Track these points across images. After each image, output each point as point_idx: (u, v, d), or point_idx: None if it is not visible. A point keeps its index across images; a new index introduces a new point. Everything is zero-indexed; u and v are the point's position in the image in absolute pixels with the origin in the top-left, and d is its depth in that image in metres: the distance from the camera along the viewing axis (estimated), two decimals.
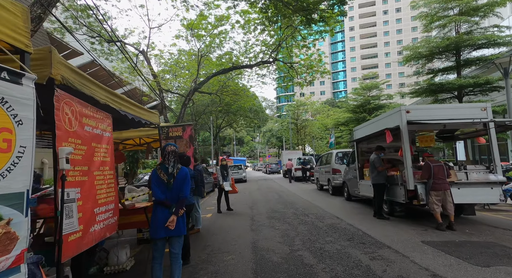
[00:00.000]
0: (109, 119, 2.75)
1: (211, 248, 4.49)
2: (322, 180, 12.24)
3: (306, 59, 19.51)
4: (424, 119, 5.38)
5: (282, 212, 7.50)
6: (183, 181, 2.91)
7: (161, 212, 2.76)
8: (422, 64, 15.62)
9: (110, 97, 2.84)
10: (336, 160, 10.74)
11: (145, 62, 17.83)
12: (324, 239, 4.66)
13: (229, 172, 8.19)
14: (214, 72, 18.75)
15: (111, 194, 2.60)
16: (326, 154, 12.07)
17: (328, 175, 11.17)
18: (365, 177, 7.42)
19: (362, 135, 7.48)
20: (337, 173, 10.46)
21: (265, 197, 11.21)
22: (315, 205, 8.47)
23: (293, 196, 11.09)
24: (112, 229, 2.61)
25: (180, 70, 21.31)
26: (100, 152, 2.52)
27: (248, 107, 37.28)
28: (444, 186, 4.95)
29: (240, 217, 7.07)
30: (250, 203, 9.70)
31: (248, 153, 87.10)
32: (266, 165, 37.62)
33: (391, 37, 76.29)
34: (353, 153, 8.69)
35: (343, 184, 9.51)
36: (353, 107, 28.15)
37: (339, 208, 7.74)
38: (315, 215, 6.85)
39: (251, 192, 13.56)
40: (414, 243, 4.22)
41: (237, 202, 9.94)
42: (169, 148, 2.94)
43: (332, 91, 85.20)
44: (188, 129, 4.81)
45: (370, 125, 7.12)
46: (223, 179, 8.03)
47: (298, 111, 38.08)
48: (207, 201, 10.96)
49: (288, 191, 13.22)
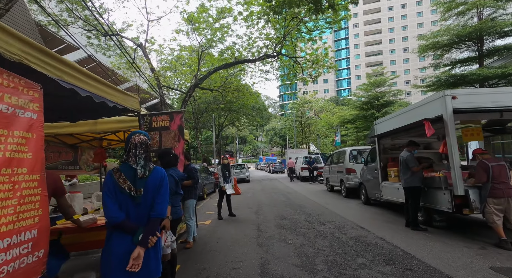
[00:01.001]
0: (35, 92, 1.69)
1: (208, 273, 3.43)
2: (333, 181, 11.14)
3: (312, 54, 18.47)
4: (476, 107, 4.27)
5: (292, 218, 6.43)
6: (157, 190, 1.85)
7: (119, 242, 1.71)
8: (439, 55, 14.41)
9: (39, 57, 1.78)
10: (350, 158, 9.63)
11: (144, 58, 16.87)
12: (354, 260, 3.58)
13: (231, 172, 7.13)
14: (215, 67, 17.78)
15: (28, 215, 1.54)
16: (338, 152, 10.96)
17: (340, 175, 10.08)
18: (390, 178, 6.32)
19: (386, 129, 6.36)
20: (351, 173, 9.36)
21: (270, 199, 10.14)
22: (330, 210, 7.38)
23: (302, 198, 10.01)
24: (34, 273, 1.55)
25: (181, 67, 20.44)
26: (6, 142, 1.46)
27: (251, 105, 36.26)
28: (508, 191, 3.84)
29: (244, 226, 6.01)
30: (254, 206, 8.64)
31: (250, 152, 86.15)
32: (269, 164, 36.53)
33: (396, 34, 74.81)
34: (373, 150, 7.59)
35: (360, 186, 8.40)
36: (361, 104, 26.94)
37: (359, 215, 6.65)
38: (333, 223, 5.77)
39: (255, 193, 12.51)
40: (482, 270, 3.12)
41: (240, 205, 8.88)
42: (136, 138, 1.89)
43: (336, 89, 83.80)
44: (177, 119, 3.75)
45: (398, 117, 6.00)
46: (225, 180, 6.98)
47: (302, 108, 36.90)
48: (207, 203, 9.91)
49: (295, 192, 12.15)
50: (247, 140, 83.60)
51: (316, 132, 37.39)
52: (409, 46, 72.22)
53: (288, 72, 21.39)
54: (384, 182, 6.59)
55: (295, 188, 14.15)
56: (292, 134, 36.95)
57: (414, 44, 71.96)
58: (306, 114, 37.84)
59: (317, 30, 16.44)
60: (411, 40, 71.97)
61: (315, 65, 18.47)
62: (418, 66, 69.44)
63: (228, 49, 18.65)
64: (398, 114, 6.04)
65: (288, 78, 21.08)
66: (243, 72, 21.69)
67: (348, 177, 9.40)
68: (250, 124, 43.50)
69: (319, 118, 40.11)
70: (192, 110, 34.09)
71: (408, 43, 73.13)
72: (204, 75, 18.50)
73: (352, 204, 8.23)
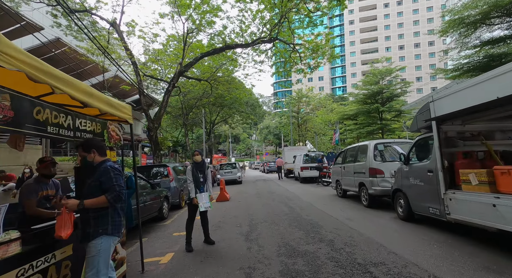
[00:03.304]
0: None
1: None
2: (347, 184, 8.67)
3: (311, 42, 16.17)
4: None
5: (307, 253, 3.88)
6: None
7: None
8: (464, 34, 12.11)
9: None
10: (375, 155, 7.15)
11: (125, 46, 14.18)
12: None
13: (208, 176, 4.53)
14: (202, 53, 15.34)
15: None
16: (355, 147, 8.46)
17: (360, 177, 7.60)
18: (467, 186, 3.85)
19: (459, 106, 3.86)
20: (377, 175, 6.89)
21: (268, 209, 7.58)
22: (360, 232, 4.86)
23: (310, 208, 7.48)
24: None
25: (167, 56, 17.97)
26: None
27: (244, 101, 33.62)
28: None
29: (227, 270, 3.44)
30: (246, 222, 6.07)
31: (244, 151, 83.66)
32: (264, 163, 34.01)
33: (392, 31, 73.62)
34: (423, 142, 5.13)
35: (395, 193, 5.92)
36: (364, 97, 24.68)
37: (414, 244, 4.12)
38: (386, 267, 3.25)
39: (248, 199, 9.94)
40: None
41: (225, 219, 6.32)
42: None
43: (331, 87, 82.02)
44: None
45: (482, 84, 3.51)
46: (196, 188, 4.38)
47: (299, 104, 34.46)
48: (182, 217, 7.18)
49: (298, 198, 9.61)
50: (240, 138, 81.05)
51: (313, 129, 35.04)
52: (405, 44, 70.95)
53: (284, 63, 19.04)
54: (453, 191, 4.12)
55: (297, 191, 11.63)
56: (288, 131, 34.50)
57: (410, 41, 70.71)
58: (301, 110, 35.43)
59: (318, 11, 14.33)
60: (407, 38, 70.57)
61: (314, 55, 16.15)
62: (414, 64, 68.25)
63: (218, 34, 16.14)
64: (484, 81, 3.53)
65: (285, 69, 18.64)
66: (235, 63, 19.23)
67: (373, 181, 6.92)
68: (243, 122, 41.03)
69: (316, 115, 37.81)
70: (180, 106, 31.22)
71: (404, 41, 71.93)
72: (190, 62, 15.94)
73: (385, 220, 5.75)
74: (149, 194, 6.20)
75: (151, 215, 6.27)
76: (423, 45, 70.49)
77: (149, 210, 6.06)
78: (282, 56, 17.36)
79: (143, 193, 5.91)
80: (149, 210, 6.06)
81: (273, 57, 18.64)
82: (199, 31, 15.63)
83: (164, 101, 15.81)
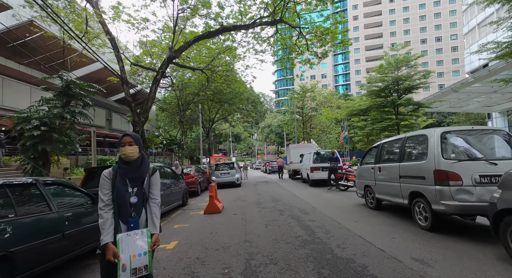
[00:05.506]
0: None
1: None
2: (385, 192, 6.12)
3: (319, 27, 13.77)
4: None
5: None
6: None
7: None
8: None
9: None
10: (443, 149, 4.58)
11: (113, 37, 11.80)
12: None
13: (152, 182, 2.04)
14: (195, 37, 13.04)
15: None
16: (401, 139, 5.84)
17: (414, 184, 5.04)
18: None
19: None
20: (451, 181, 4.33)
21: (276, 234, 5.03)
22: None
23: (341, 232, 4.94)
24: None
25: (160, 45, 15.84)
26: None
27: (245, 97, 31.10)
28: None
29: None
30: (239, 267, 3.55)
31: (245, 150, 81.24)
32: (265, 162, 31.47)
33: (397, 26, 71.03)
34: None
35: (497, 216, 3.36)
36: (377, 90, 22.11)
37: None
38: None
39: (247, 211, 7.37)
40: None
41: (204, 261, 3.75)
42: None
43: (334, 84, 79.40)
44: None
45: None
46: (121, 222, 1.89)
47: (304, 99, 31.87)
48: None
49: (315, 210, 7.04)
50: (241, 137, 78.63)
51: (319, 127, 32.45)
52: (411, 40, 68.11)
53: (288, 52, 16.67)
54: None
55: (309, 199, 9.07)
56: (292, 129, 31.96)
57: (416, 37, 67.98)
58: (307, 105, 32.87)
59: None
60: (413, 34, 67.75)
61: (322, 41, 13.70)
62: (421, 60, 65.38)
63: (215, 18, 13.75)
64: None
65: (288, 59, 16.21)
66: (233, 52, 16.83)
67: (443, 191, 4.35)
68: (244, 120, 38.57)
69: (320, 113, 35.20)
70: (176, 103, 28.74)
71: (410, 37, 69.05)
72: (181, 46, 13.53)
73: (490, 264, 3.23)
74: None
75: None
76: (430, 41, 67.82)
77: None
78: (286, 45, 14.97)
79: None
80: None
81: (275, 45, 16.25)
82: (193, 14, 13.18)
83: (151, 92, 13.36)
